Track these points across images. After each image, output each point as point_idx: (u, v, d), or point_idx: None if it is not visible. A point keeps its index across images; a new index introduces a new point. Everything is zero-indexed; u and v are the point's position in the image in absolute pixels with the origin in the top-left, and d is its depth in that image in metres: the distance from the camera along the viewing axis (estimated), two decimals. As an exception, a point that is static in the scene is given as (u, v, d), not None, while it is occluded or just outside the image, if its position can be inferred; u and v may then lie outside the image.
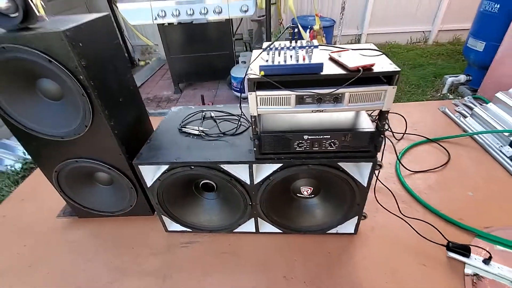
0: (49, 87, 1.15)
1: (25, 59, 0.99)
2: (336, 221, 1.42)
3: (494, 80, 2.50)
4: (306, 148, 1.16)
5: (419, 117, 2.47)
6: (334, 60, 1.04)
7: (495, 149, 2.01)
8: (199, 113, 1.60)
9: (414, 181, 1.83)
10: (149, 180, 1.34)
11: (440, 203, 1.65)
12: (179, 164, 1.24)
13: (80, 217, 1.67)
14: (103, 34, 1.21)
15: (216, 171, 1.24)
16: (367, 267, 1.37)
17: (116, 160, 1.36)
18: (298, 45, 1.09)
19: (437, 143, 2.14)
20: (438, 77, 3.36)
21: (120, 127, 1.30)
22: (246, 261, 1.44)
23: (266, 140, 1.15)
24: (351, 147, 1.15)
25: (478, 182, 1.79)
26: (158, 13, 2.79)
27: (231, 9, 2.78)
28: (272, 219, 1.44)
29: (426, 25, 4.51)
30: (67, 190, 1.50)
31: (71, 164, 1.36)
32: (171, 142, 1.38)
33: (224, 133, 1.41)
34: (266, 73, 0.96)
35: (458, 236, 1.47)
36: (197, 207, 1.51)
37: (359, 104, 1.02)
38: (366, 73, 0.93)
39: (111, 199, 1.56)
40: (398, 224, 1.52)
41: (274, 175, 1.24)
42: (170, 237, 1.58)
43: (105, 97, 1.19)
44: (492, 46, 2.55)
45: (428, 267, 1.35)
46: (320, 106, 1.03)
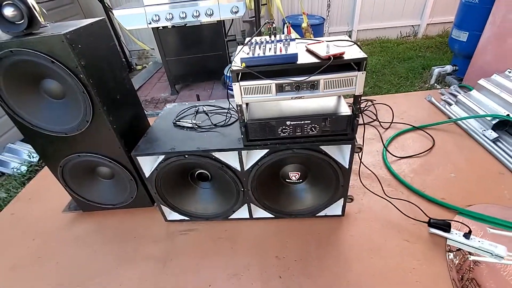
0: (52, 87, 1.25)
1: (31, 61, 1.10)
2: (323, 203, 1.51)
3: (477, 68, 2.59)
4: (290, 134, 1.26)
5: (406, 107, 2.56)
6: (310, 51, 1.14)
7: (478, 133, 2.10)
8: (193, 108, 1.70)
9: (400, 166, 1.92)
10: (147, 170, 1.44)
11: (423, 185, 1.75)
12: (174, 154, 1.34)
13: (84, 210, 1.78)
14: (99, 37, 1.32)
15: (208, 159, 1.34)
16: (353, 244, 1.46)
17: (116, 154, 1.46)
18: (277, 39, 1.19)
19: (423, 130, 2.23)
20: (426, 69, 3.46)
21: (119, 122, 1.41)
22: (241, 244, 1.53)
23: (252, 127, 1.25)
24: (331, 131, 1.25)
25: (461, 165, 1.88)
26: (152, 17, 2.90)
27: (222, 11, 2.89)
28: (264, 205, 1.53)
29: (415, 19, 4.62)
30: (71, 184, 1.61)
31: (74, 158, 1.46)
32: (167, 135, 1.48)
33: (216, 124, 1.51)
34: (247, 64, 1.06)
35: (441, 215, 1.56)
36: (193, 196, 1.61)
37: (334, 90, 1.12)
38: (336, 60, 1.03)
39: (113, 192, 1.66)
40: (384, 205, 1.62)
41: (262, 161, 1.33)
42: (169, 226, 1.68)
43: (103, 94, 1.30)
44: (475, 36, 2.65)
45: (411, 242, 1.44)
46: (299, 93, 1.13)
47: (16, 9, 1.02)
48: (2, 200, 2.20)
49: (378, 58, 3.95)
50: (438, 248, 1.40)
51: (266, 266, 1.40)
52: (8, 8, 1.01)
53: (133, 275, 1.43)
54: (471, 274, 1.29)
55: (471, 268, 1.31)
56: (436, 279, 1.27)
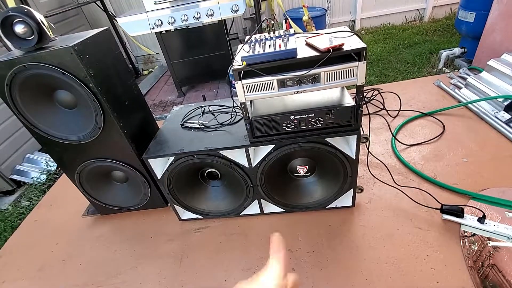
0: (65, 97, 1.31)
1: (43, 74, 1.16)
2: (333, 195, 1.52)
3: (486, 48, 2.52)
4: (295, 128, 1.27)
5: (414, 93, 2.52)
6: (309, 44, 1.15)
7: (490, 115, 2.05)
8: (199, 108, 1.74)
9: (410, 154, 1.91)
10: (159, 172, 1.49)
11: (434, 172, 1.73)
12: (183, 154, 1.38)
13: (102, 214, 1.85)
14: (105, 46, 1.37)
15: (217, 158, 1.38)
16: (365, 234, 1.47)
17: (128, 158, 1.51)
18: (276, 35, 1.20)
19: (432, 116, 2.20)
20: (434, 53, 3.38)
21: (129, 127, 1.46)
22: (253, 239, 1.57)
23: (257, 124, 1.27)
24: (335, 122, 1.25)
25: (472, 149, 1.84)
26: (154, 22, 2.96)
27: (222, 11, 2.91)
28: (274, 199, 1.56)
29: (420, 2, 4.50)
30: (88, 190, 1.68)
31: (89, 164, 1.53)
32: (175, 137, 1.52)
33: (222, 123, 1.54)
34: (248, 62, 1.08)
35: (454, 201, 1.54)
36: (205, 195, 1.65)
37: (335, 82, 1.12)
38: (335, 52, 1.04)
39: (128, 195, 1.73)
40: (394, 194, 1.62)
41: (269, 156, 1.36)
42: (183, 225, 1.73)
43: (112, 101, 1.35)
44: (482, 15, 2.57)
45: (424, 229, 1.43)
46: (301, 87, 1.15)
47: (26, 26, 1.07)
48: (25, 208, 2.32)
49: (383, 45, 3.89)
50: (451, 234, 1.39)
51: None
52: (19, 25, 1.07)
53: (152, 272, 1.49)
54: (492, 260, 1.27)
55: (491, 254, 1.29)
56: (451, 266, 1.27)
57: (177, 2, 2.92)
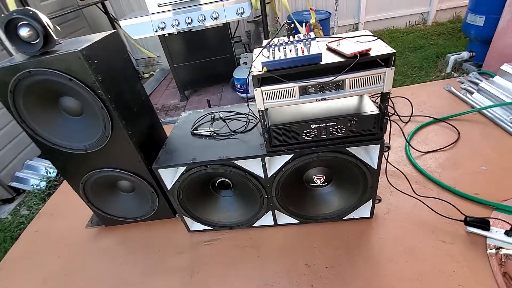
0: (70, 104, 1.24)
1: (49, 80, 1.09)
2: (351, 206, 1.45)
3: (498, 53, 2.48)
4: (315, 137, 1.21)
5: (425, 98, 2.47)
6: (332, 49, 1.09)
7: (505, 121, 2.00)
8: (209, 115, 1.67)
9: (426, 161, 1.85)
10: (168, 183, 1.42)
11: (453, 180, 1.67)
12: (196, 164, 1.31)
13: (107, 225, 1.77)
14: (113, 50, 1.30)
15: (231, 168, 1.31)
16: (385, 247, 1.40)
17: (136, 167, 1.44)
18: (296, 39, 1.14)
19: (446, 122, 2.14)
20: (440, 57, 3.34)
21: (137, 135, 1.38)
22: (267, 252, 1.49)
23: (275, 133, 1.20)
24: (358, 131, 1.19)
25: (490, 156, 1.79)
26: (158, 25, 2.89)
27: (227, 13, 2.85)
28: (289, 210, 1.49)
29: (423, 6, 4.48)
30: (93, 200, 1.60)
31: (95, 174, 1.45)
32: (186, 145, 1.45)
33: (235, 131, 1.47)
34: (268, 68, 1.02)
35: (476, 211, 1.47)
36: (215, 205, 1.57)
37: (360, 89, 1.06)
38: (363, 58, 0.98)
39: (134, 206, 1.65)
40: (413, 204, 1.55)
41: (286, 166, 1.29)
42: (193, 236, 1.65)
43: (121, 108, 1.28)
44: (492, 19, 2.53)
45: (447, 243, 1.37)
46: (323, 94, 1.08)
47: (32, 29, 1.00)
48: (25, 217, 2.23)
49: (388, 49, 3.84)
50: (477, 248, 1.32)
51: (296, 275, 1.36)
52: (23, 29, 1.00)
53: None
54: (503, 268, 1.22)
55: (503, 262, 1.25)
56: (481, 283, 1.20)
57: (181, 5, 2.86)
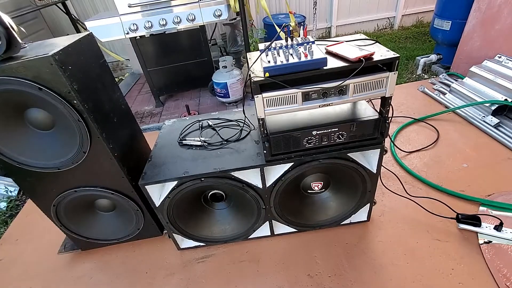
0: (38, 117, 1.07)
1: (14, 90, 0.92)
2: (349, 211, 1.43)
3: (465, 55, 2.65)
4: (316, 144, 1.16)
5: (402, 99, 2.56)
6: (332, 53, 1.05)
7: (478, 120, 2.13)
8: (196, 123, 1.56)
9: (411, 161, 1.89)
10: (156, 199, 1.29)
11: (439, 178, 1.72)
12: (189, 178, 1.20)
13: (83, 249, 1.58)
14: (89, 54, 1.15)
15: (228, 180, 1.22)
16: (385, 250, 1.39)
17: (118, 184, 1.29)
18: (294, 43, 1.09)
19: (424, 122, 2.23)
20: (410, 60, 3.51)
21: (119, 148, 1.24)
22: (266, 265, 1.42)
23: (275, 141, 1.14)
24: (359, 136, 1.17)
25: (469, 154, 1.88)
26: (129, 26, 2.70)
27: (204, 15, 2.75)
28: (287, 219, 1.43)
29: (390, 11, 4.71)
30: (67, 223, 1.41)
31: (70, 195, 1.28)
32: (174, 157, 1.33)
33: (227, 140, 1.38)
34: (270, 74, 0.95)
35: (464, 207, 1.53)
36: (208, 219, 1.47)
37: (363, 94, 1.03)
38: (368, 62, 0.95)
39: (115, 226, 1.49)
40: (406, 204, 1.57)
41: (286, 175, 1.23)
42: (183, 254, 1.53)
43: (100, 120, 1.13)
44: (458, 24, 2.70)
45: (443, 241, 1.39)
46: (326, 100, 1.04)
47: (-10, 30, 0.84)
48: (-19, 246, 1.92)
49: (361, 52, 3.97)
50: (471, 244, 1.36)
51: (300, 287, 1.30)
52: (-21, 30, 0.83)
53: (153, 318, 1.28)
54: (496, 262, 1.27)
55: None
56: (478, 278, 1.23)
57: (154, 6, 2.70)
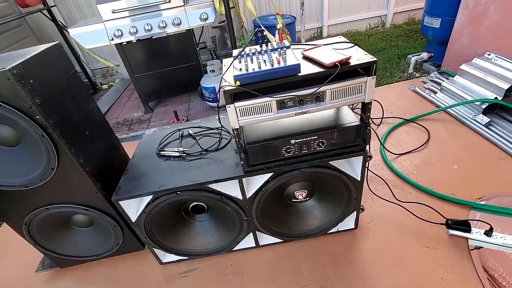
0: (3, 133, 1.01)
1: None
2: (335, 219, 1.38)
3: (455, 53, 2.61)
4: (295, 152, 1.11)
5: (393, 99, 2.52)
6: (309, 58, 1.00)
7: (469, 119, 2.09)
8: (176, 132, 1.51)
9: (401, 163, 1.85)
10: (133, 214, 1.24)
11: (429, 181, 1.68)
12: (164, 192, 1.15)
13: (62, 267, 1.52)
14: (56, 65, 1.09)
15: (205, 192, 1.17)
16: (374, 259, 1.34)
17: (93, 200, 1.23)
18: (269, 48, 1.04)
19: (415, 122, 2.19)
20: (402, 58, 3.47)
21: (92, 163, 1.18)
22: (251, 278, 1.36)
23: (252, 151, 1.09)
24: (340, 143, 1.12)
25: (460, 154, 1.83)
26: (114, 33, 2.65)
27: (190, 19, 2.70)
28: (271, 230, 1.38)
29: (381, 9, 4.67)
30: (42, 242, 1.35)
31: (41, 213, 1.22)
32: (151, 169, 1.28)
33: (206, 149, 1.33)
34: (242, 82, 0.90)
35: (454, 211, 1.49)
36: (190, 232, 1.42)
37: (341, 100, 0.99)
38: (343, 67, 0.90)
39: (94, 242, 1.43)
40: (395, 210, 1.52)
41: (266, 186, 1.18)
42: (166, 269, 1.47)
43: (69, 134, 1.08)
44: (448, 21, 2.66)
45: (432, 248, 1.35)
46: (302, 107, 0.99)
47: None
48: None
49: (352, 51, 3.93)
50: (461, 250, 1.31)
51: (285, 302, 1.25)
52: None
53: None
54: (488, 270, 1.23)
55: None
56: (468, 287, 1.18)
57: (138, 11, 2.64)
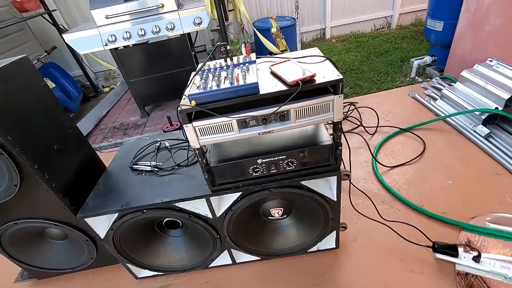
0: (-39, 151, 1.00)
1: None
2: (313, 239, 1.31)
3: (457, 58, 2.48)
4: (264, 172, 1.05)
5: (391, 106, 2.41)
6: (275, 74, 0.94)
7: (468, 129, 1.97)
8: (153, 144, 1.47)
9: (393, 177, 1.76)
10: (102, 230, 1.21)
11: (421, 197, 1.59)
12: (130, 210, 1.11)
13: (39, 278, 1.51)
14: (21, 80, 1.08)
15: (171, 211, 1.12)
16: (355, 281, 1.27)
17: (61, 215, 1.21)
18: (234, 62, 0.98)
19: (411, 132, 2.08)
20: (405, 61, 3.35)
21: (59, 178, 1.16)
22: (225, 297, 1.32)
23: (217, 171, 1.04)
24: (312, 162, 1.05)
25: (456, 168, 1.73)
26: (107, 38, 2.65)
27: (184, 24, 2.67)
28: (247, 248, 1.32)
29: (387, 10, 4.53)
30: (16, 254, 1.35)
31: (10, 227, 1.21)
32: (122, 184, 1.25)
33: (179, 164, 1.29)
34: (197, 102, 0.85)
35: (444, 232, 1.40)
36: (165, 248, 1.38)
37: (308, 119, 0.92)
38: (306, 86, 0.84)
39: (69, 255, 1.41)
40: (381, 228, 1.44)
41: (235, 205, 1.13)
42: (142, 284, 1.44)
43: (32, 150, 1.06)
44: (450, 25, 2.54)
45: (416, 273, 1.26)
46: (267, 127, 0.93)
47: None
48: None
49: (355, 54, 3.82)
50: (446, 276, 1.23)
51: (256, 326, 1.20)
52: None
53: None
54: None
55: None
56: (452, 318, 1.10)
57: (132, 16, 2.63)
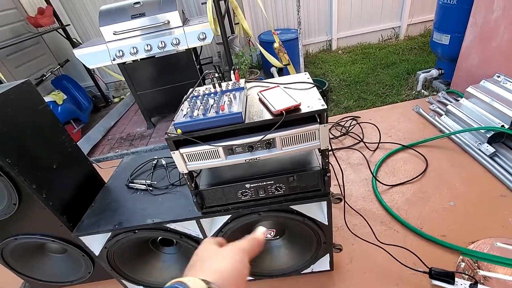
0: (-35, 171, 1.06)
1: None
2: (306, 261, 1.30)
3: (464, 72, 2.43)
4: (252, 196, 1.06)
5: (394, 121, 2.38)
6: (262, 101, 0.96)
7: (473, 148, 1.92)
8: (151, 161, 1.51)
9: (392, 196, 1.72)
10: (97, 247, 1.24)
11: (420, 219, 1.55)
12: (122, 230, 1.14)
13: (40, 290, 1.56)
14: (21, 104, 1.13)
15: (162, 232, 1.14)
16: (346, 308, 1.25)
17: (58, 231, 1.25)
18: (223, 88, 1.00)
19: (413, 149, 2.04)
20: (411, 74, 3.31)
21: (57, 196, 1.21)
22: (217, 318, 1.31)
23: (206, 194, 1.05)
24: (301, 187, 1.05)
25: (458, 189, 1.68)
26: (115, 53, 2.74)
27: (189, 39, 2.74)
28: (239, 268, 1.32)
29: (394, 21, 4.50)
30: (17, 267, 1.39)
31: (11, 242, 1.26)
32: (117, 202, 1.28)
33: (173, 183, 1.31)
34: (183, 130, 0.87)
35: (443, 256, 1.36)
36: (158, 265, 1.39)
37: (294, 147, 0.92)
38: (290, 116, 0.85)
39: (67, 269, 1.45)
40: (378, 250, 1.41)
41: (225, 227, 1.13)
42: (136, 299, 1.46)
43: (30, 170, 1.10)
44: (457, 38, 2.49)
45: (412, 299, 1.23)
46: (253, 154, 0.94)
47: None
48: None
49: (360, 66, 3.80)
50: (444, 305, 1.19)
51: None
52: None
53: None
54: None
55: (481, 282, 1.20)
56: None
57: (139, 32, 2.72)
